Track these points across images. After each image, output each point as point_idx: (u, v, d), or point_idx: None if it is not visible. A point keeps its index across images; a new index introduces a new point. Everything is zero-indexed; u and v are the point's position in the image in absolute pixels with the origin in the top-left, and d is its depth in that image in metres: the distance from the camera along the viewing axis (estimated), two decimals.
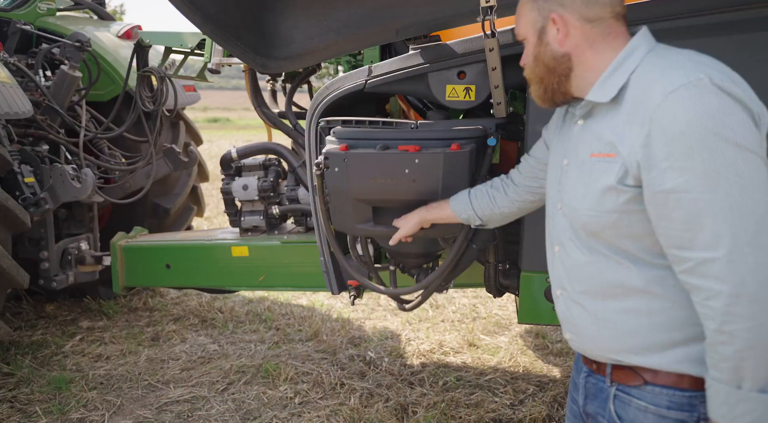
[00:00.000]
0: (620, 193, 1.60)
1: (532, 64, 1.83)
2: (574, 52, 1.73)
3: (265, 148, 4.72)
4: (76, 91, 5.19)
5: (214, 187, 11.51)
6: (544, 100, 1.86)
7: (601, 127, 1.67)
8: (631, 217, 1.61)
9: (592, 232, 1.70)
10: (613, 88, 1.64)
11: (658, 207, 1.53)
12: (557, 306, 1.92)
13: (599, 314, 1.74)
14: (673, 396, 1.65)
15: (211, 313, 6.21)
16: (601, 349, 1.77)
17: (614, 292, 1.70)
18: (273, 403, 4.34)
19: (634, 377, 1.71)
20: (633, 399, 1.71)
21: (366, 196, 2.58)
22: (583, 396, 1.88)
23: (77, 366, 4.98)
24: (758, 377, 1.47)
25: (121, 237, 5.02)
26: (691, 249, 1.49)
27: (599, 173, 1.64)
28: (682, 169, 1.46)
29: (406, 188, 2.50)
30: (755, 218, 1.43)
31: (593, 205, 1.66)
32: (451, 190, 2.45)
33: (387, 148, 2.50)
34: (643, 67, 1.62)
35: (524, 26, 1.83)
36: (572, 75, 1.76)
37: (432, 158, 2.46)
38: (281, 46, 2.93)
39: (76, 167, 4.84)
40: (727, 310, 1.45)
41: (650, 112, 1.52)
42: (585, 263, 1.75)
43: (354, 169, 2.52)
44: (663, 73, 1.55)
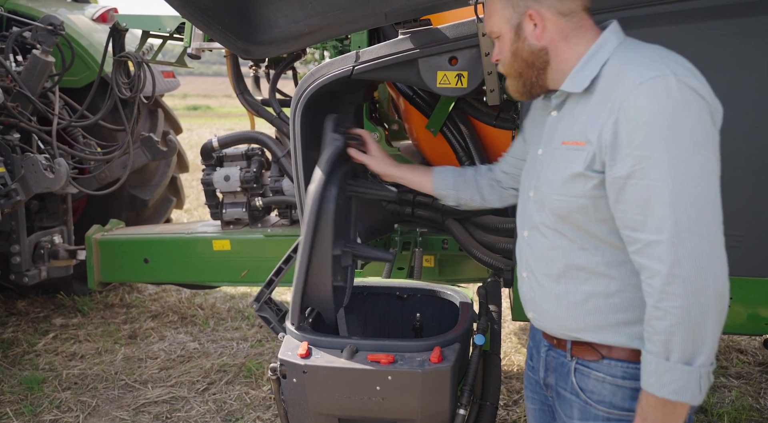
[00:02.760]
0: (588, 179, 1.77)
1: (510, 60, 1.96)
2: (550, 46, 1.88)
3: (247, 137, 4.71)
4: (49, 77, 5.15)
5: (195, 177, 11.51)
6: (522, 93, 2.00)
7: (574, 116, 1.84)
8: (598, 202, 1.77)
9: (561, 216, 1.86)
10: (585, 78, 1.81)
11: (616, 191, 1.71)
12: (522, 287, 2.12)
13: (561, 295, 1.93)
14: (627, 368, 1.86)
15: (191, 309, 6.21)
16: (561, 327, 1.96)
17: (576, 275, 1.89)
18: (256, 404, 4.34)
19: (592, 352, 1.92)
20: (592, 371, 1.92)
21: (330, 411, 2.27)
22: (544, 368, 2.11)
23: (50, 365, 4.96)
24: (685, 351, 1.65)
25: (97, 230, 4.99)
26: (641, 231, 1.67)
27: (569, 160, 1.81)
28: (640, 156, 1.64)
29: (377, 407, 2.20)
30: (697, 208, 1.62)
31: (563, 190, 1.83)
32: (430, 408, 2.19)
33: (355, 352, 2.21)
34: (614, 60, 1.78)
35: (498, 23, 1.96)
36: (549, 68, 1.91)
37: (408, 378, 2.15)
38: (264, 31, 2.92)
39: (49, 157, 4.81)
40: (664, 288, 1.64)
41: (619, 101, 1.68)
42: (551, 247, 1.93)
43: (314, 382, 2.20)
44: (633, 66, 1.71)
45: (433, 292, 2.72)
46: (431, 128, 3.78)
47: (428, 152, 4.15)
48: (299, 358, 2.18)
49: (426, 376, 2.12)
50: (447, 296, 2.66)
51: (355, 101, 3.63)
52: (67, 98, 5.52)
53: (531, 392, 2.25)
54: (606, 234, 1.81)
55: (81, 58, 5.66)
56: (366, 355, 2.18)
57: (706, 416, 4.19)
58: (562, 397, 2.02)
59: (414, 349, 2.21)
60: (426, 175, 2.56)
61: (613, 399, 1.89)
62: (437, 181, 2.53)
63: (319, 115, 3.37)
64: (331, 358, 2.19)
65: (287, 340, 2.30)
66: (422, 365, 2.13)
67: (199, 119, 30.01)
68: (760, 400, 4.42)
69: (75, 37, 5.70)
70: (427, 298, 2.72)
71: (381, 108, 4.62)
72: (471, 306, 2.56)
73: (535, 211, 1.97)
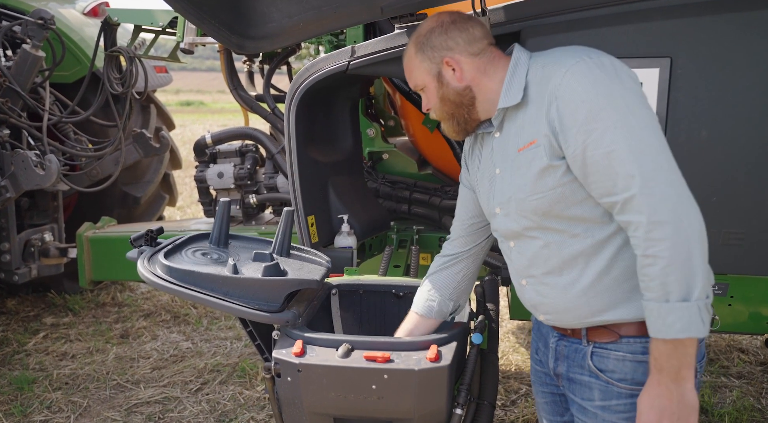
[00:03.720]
0: (556, 169, 1.92)
1: (439, 105, 2.15)
2: (472, 83, 2.08)
3: (241, 134, 4.71)
4: (39, 72, 5.14)
5: (188, 174, 11.50)
6: (458, 132, 2.18)
7: (518, 126, 2.02)
8: (572, 186, 1.92)
9: (544, 212, 1.99)
10: (517, 91, 2.00)
11: (579, 167, 1.87)
12: (525, 294, 2.20)
13: (568, 286, 2.03)
14: (645, 343, 1.95)
15: (184, 308, 6.20)
16: (576, 317, 2.05)
17: (575, 262, 2.00)
18: (250, 404, 4.34)
19: (609, 334, 2.02)
20: (611, 352, 2.02)
21: (325, 411, 2.27)
22: (554, 358, 2.20)
23: (40, 365, 4.95)
24: (681, 288, 1.76)
25: (88, 228, 4.99)
26: (614, 193, 1.82)
27: (529, 161, 1.97)
28: (588, 130, 1.82)
29: (373, 406, 2.19)
30: (652, 157, 1.78)
31: (537, 187, 1.97)
32: (426, 407, 2.19)
33: (351, 351, 2.22)
34: (534, 68, 2.00)
35: (420, 76, 2.16)
36: (476, 102, 2.10)
37: (404, 376, 2.14)
38: (258, 25, 2.92)
39: (39, 153, 4.80)
40: (648, 236, 1.77)
41: (553, 92, 1.88)
42: (542, 246, 2.04)
43: (309, 381, 2.21)
44: (553, 63, 1.93)
45: None
46: (428, 124, 3.78)
47: (425, 149, 4.15)
48: (294, 357, 2.18)
49: (422, 375, 2.11)
50: None
51: (350, 97, 3.64)
52: (57, 93, 5.51)
53: (540, 385, 2.35)
54: (589, 212, 1.94)
55: (72, 53, 5.64)
56: (362, 353, 2.17)
57: (707, 416, 4.20)
58: (577, 382, 2.11)
59: (410, 348, 2.21)
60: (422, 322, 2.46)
61: (635, 375, 1.99)
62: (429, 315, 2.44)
63: (314, 111, 3.37)
64: (326, 357, 2.18)
65: (279, 341, 2.30)
66: (419, 364, 2.12)
67: (192, 115, 29.98)
68: (761, 400, 4.43)
69: (66, 31, 5.68)
70: None
71: (377, 104, 4.62)
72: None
73: (512, 221, 2.09)
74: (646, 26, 2.44)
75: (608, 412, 2.04)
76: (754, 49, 2.37)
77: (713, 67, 2.39)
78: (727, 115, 2.41)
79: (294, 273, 2.36)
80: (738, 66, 2.40)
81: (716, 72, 2.40)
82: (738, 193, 2.47)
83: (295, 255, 2.64)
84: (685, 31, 2.41)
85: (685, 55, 2.40)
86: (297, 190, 3.15)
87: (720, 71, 2.40)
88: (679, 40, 2.41)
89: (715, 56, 2.40)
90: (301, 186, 3.15)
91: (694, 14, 2.41)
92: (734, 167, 2.44)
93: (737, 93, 2.41)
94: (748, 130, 2.43)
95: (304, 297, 2.45)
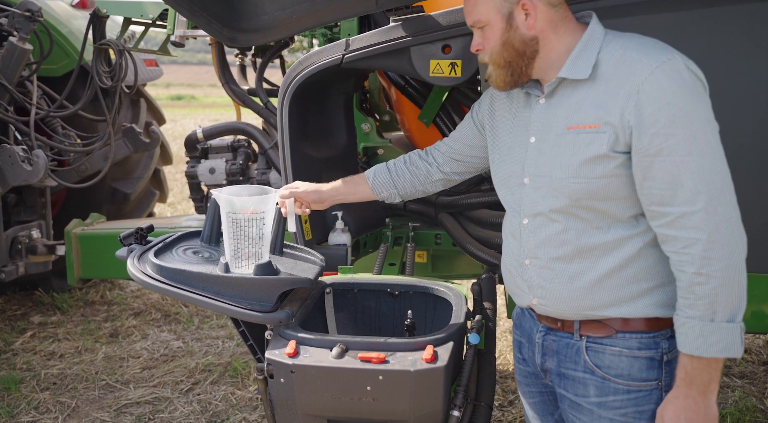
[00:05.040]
0: (611, 159, 1.89)
1: (498, 49, 2.03)
2: (541, 35, 1.99)
3: (233, 128, 4.70)
4: (27, 65, 5.12)
5: (178, 170, 11.47)
6: (507, 83, 2.07)
7: (575, 102, 1.96)
8: (618, 181, 1.90)
9: (578, 198, 1.96)
10: (586, 66, 1.93)
11: (644, 169, 1.84)
12: (523, 274, 2.15)
13: (575, 276, 2.01)
14: (641, 338, 1.99)
15: (174, 307, 6.19)
16: (575, 308, 2.04)
17: (590, 254, 1.99)
18: (242, 405, 4.34)
19: (604, 328, 2.02)
20: (606, 347, 2.02)
21: (318, 413, 2.27)
22: (541, 354, 2.19)
23: (28, 365, 4.95)
24: (728, 309, 1.82)
25: (77, 224, 4.98)
26: (672, 205, 1.82)
27: (584, 144, 1.92)
28: (666, 134, 1.80)
29: (367, 408, 2.18)
30: (720, 177, 1.81)
31: (582, 172, 1.93)
32: (422, 409, 2.17)
33: (345, 351, 2.19)
34: (609, 48, 1.93)
35: (485, 12, 2.02)
36: (538, 57, 2.01)
37: (399, 377, 2.12)
38: (251, 17, 2.91)
39: (26, 148, 4.78)
40: (705, 254, 1.80)
41: (637, 85, 1.83)
42: (560, 230, 2.02)
43: (302, 382, 2.19)
44: (640, 52, 1.88)
45: (425, 288, 2.71)
46: (424, 119, 3.78)
47: (421, 144, 4.14)
48: (287, 358, 2.17)
49: (418, 376, 2.10)
50: (440, 293, 2.66)
51: (344, 91, 3.63)
52: (45, 87, 5.49)
53: (526, 385, 2.35)
54: (622, 211, 1.94)
55: (60, 46, 5.61)
56: (356, 354, 2.16)
57: None
58: (569, 378, 2.11)
59: (406, 348, 2.19)
60: (362, 182, 2.60)
61: (631, 371, 2.00)
62: (374, 185, 2.58)
63: (307, 106, 3.36)
64: (320, 357, 2.17)
65: (272, 340, 2.30)
66: (414, 364, 2.11)
67: (183, 109, 29.91)
68: (764, 400, 4.44)
69: (53, 23, 5.65)
70: (420, 295, 2.72)
71: (372, 98, 4.61)
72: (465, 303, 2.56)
73: (540, 197, 2.04)
74: (646, 19, 2.44)
75: (605, 408, 2.04)
76: (756, 43, 2.37)
77: (712, 63, 2.39)
78: (726, 113, 2.41)
79: (287, 272, 2.36)
80: (738, 62, 2.40)
81: (716, 68, 2.40)
82: (739, 190, 2.47)
83: (288, 253, 2.63)
84: (681, 26, 2.41)
85: (683, 51, 2.41)
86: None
87: (720, 67, 2.40)
88: (677, 34, 2.41)
89: (713, 51, 2.40)
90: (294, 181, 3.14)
91: (687, 8, 2.41)
92: (736, 165, 2.44)
93: (737, 90, 2.41)
94: (748, 127, 2.44)
95: (298, 296, 2.44)
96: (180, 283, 2.23)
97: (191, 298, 2.21)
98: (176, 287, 2.22)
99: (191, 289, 2.22)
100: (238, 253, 2.24)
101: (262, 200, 2.21)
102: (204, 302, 2.21)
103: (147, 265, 2.31)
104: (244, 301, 2.22)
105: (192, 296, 2.21)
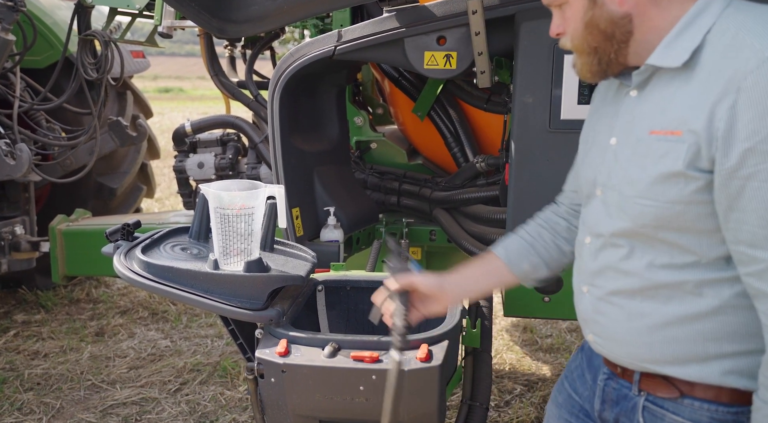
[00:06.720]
0: (689, 181, 1.47)
1: (582, 32, 1.63)
2: (635, 12, 1.56)
3: (222, 122, 4.69)
4: (9, 57, 5.10)
5: (166, 164, 11.46)
6: (596, 73, 1.68)
7: (665, 98, 1.54)
8: (699, 210, 1.49)
9: (644, 224, 1.57)
10: (685, 50, 1.49)
11: (730, 196, 1.42)
12: (580, 304, 1.84)
13: (635, 316, 1.65)
14: (715, 412, 1.58)
15: (162, 305, 6.19)
16: (630, 355, 1.69)
17: (657, 293, 1.60)
18: (231, 405, 4.34)
19: (668, 388, 1.64)
20: (667, 413, 1.64)
21: (310, 413, 2.25)
22: (601, 400, 1.83)
23: (11, 364, 4.93)
24: None
25: (61, 220, 4.96)
26: (766, 248, 1.40)
27: (659, 155, 1.51)
28: (766, 152, 1.35)
29: (360, 408, 2.16)
30: None
31: (652, 193, 1.53)
32: (417, 409, 2.14)
33: (337, 350, 2.17)
34: (721, 26, 1.48)
35: None
36: (632, 40, 1.59)
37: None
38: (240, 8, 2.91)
39: (9, 142, 4.76)
40: None
41: (738, 79, 1.38)
42: (625, 257, 1.65)
43: (293, 382, 2.17)
44: (756, 35, 1.41)
45: None
46: (418, 112, 3.78)
47: (415, 138, 4.15)
48: (278, 357, 2.16)
49: (412, 375, 2.09)
50: None
51: (337, 83, 3.63)
52: (28, 79, 5.47)
53: (569, 414, 1.98)
54: (705, 249, 1.53)
55: (44, 37, 5.59)
56: (349, 353, 2.16)
57: None
58: None
59: None
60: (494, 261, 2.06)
61: None
62: (509, 258, 2.04)
63: (299, 99, 3.36)
64: (311, 357, 2.17)
65: (263, 339, 2.30)
66: (408, 364, 2.10)
67: (170, 102, 29.88)
68: None
69: (37, 14, 5.63)
70: None
71: (365, 91, 4.61)
72: None
73: (604, 214, 1.68)
74: None
75: None
76: None
77: None
78: None
79: (278, 269, 2.35)
80: None
81: None
82: None
83: (279, 250, 2.63)
84: None
85: None
86: (281, 181, 3.15)
87: None
88: None
89: None
90: (285, 177, 3.14)
91: None
92: None
93: None
94: None
95: (289, 294, 2.44)
96: (168, 281, 2.23)
97: (179, 296, 2.21)
98: (164, 285, 2.22)
99: (179, 286, 2.22)
100: (227, 249, 2.23)
101: (251, 195, 2.20)
102: (192, 300, 2.20)
103: (134, 261, 2.31)
104: (233, 299, 2.22)
105: (180, 294, 2.21)
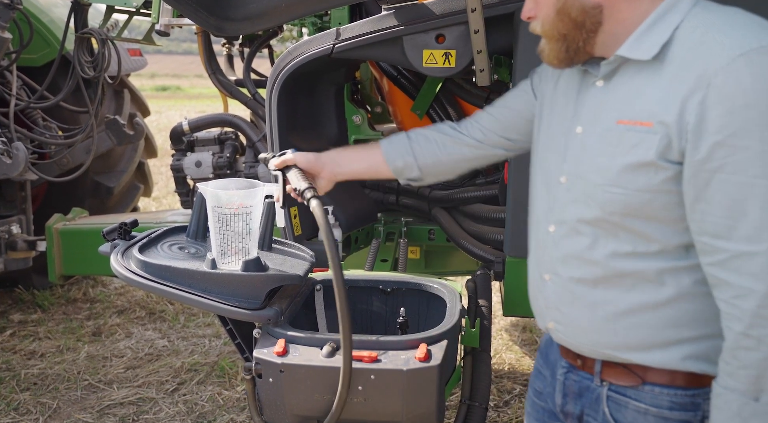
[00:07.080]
0: (659, 170, 1.52)
1: (552, 19, 1.68)
2: (606, 3, 1.61)
3: (220, 120, 4.69)
4: (6, 55, 5.10)
5: (164, 163, 11.46)
6: (562, 59, 1.72)
7: (634, 90, 1.59)
8: (667, 199, 1.54)
9: (612, 212, 1.61)
10: (654, 44, 1.55)
11: (697, 187, 1.47)
12: (542, 291, 1.87)
13: (598, 304, 1.69)
14: (674, 396, 1.64)
15: (159, 304, 6.19)
16: (594, 343, 1.73)
17: (621, 281, 1.65)
18: (229, 405, 4.33)
19: (629, 376, 1.69)
20: (630, 400, 1.69)
21: (308, 413, 2.24)
22: (562, 394, 1.88)
23: (7, 364, 4.93)
24: None
25: (58, 219, 4.95)
26: (728, 239, 1.45)
27: (630, 145, 1.56)
28: (735, 146, 1.40)
29: (358, 408, 2.15)
30: None
31: (621, 180, 1.58)
32: (416, 409, 2.14)
33: (336, 350, 2.16)
34: (691, 22, 1.53)
35: None
36: (600, 30, 1.64)
37: (392, 377, 2.10)
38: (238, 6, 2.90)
39: (5, 141, 4.76)
40: (759, 311, 1.42)
41: (708, 75, 1.43)
42: (588, 246, 1.69)
43: (292, 382, 2.17)
44: (725, 33, 1.46)
45: (419, 285, 2.71)
46: (417, 111, 3.77)
47: None
48: (276, 356, 2.16)
49: (411, 375, 2.09)
50: (434, 290, 2.65)
51: (335, 82, 3.63)
52: (25, 78, 5.46)
53: (537, 420, 2.04)
54: (667, 237, 1.58)
55: (40, 35, 5.59)
56: None
57: None
58: None
59: (398, 347, 2.18)
60: (375, 149, 2.28)
61: None
62: (389, 149, 2.24)
63: (297, 97, 3.36)
64: (310, 356, 2.17)
65: (261, 338, 2.30)
66: (407, 363, 2.10)
67: (168, 101, 29.87)
68: None
69: (34, 11, 5.63)
70: (413, 292, 2.71)
71: (363, 89, 4.60)
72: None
73: (569, 202, 1.72)
74: None
75: None
76: None
77: None
78: None
79: (276, 268, 2.35)
80: None
81: None
82: None
83: (277, 249, 2.63)
84: None
85: None
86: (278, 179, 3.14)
87: None
88: None
89: None
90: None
91: None
92: None
93: None
94: None
95: (287, 293, 2.44)
96: (165, 280, 2.23)
97: (177, 296, 2.20)
98: (161, 284, 2.21)
99: (177, 285, 2.21)
100: (225, 248, 2.23)
101: (249, 194, 2.19)
102: (190, 299, 2.20)
103: (131, 261, 2.31)
104: (231, 299, 2.21)
105: (178, 293, 2.20)
